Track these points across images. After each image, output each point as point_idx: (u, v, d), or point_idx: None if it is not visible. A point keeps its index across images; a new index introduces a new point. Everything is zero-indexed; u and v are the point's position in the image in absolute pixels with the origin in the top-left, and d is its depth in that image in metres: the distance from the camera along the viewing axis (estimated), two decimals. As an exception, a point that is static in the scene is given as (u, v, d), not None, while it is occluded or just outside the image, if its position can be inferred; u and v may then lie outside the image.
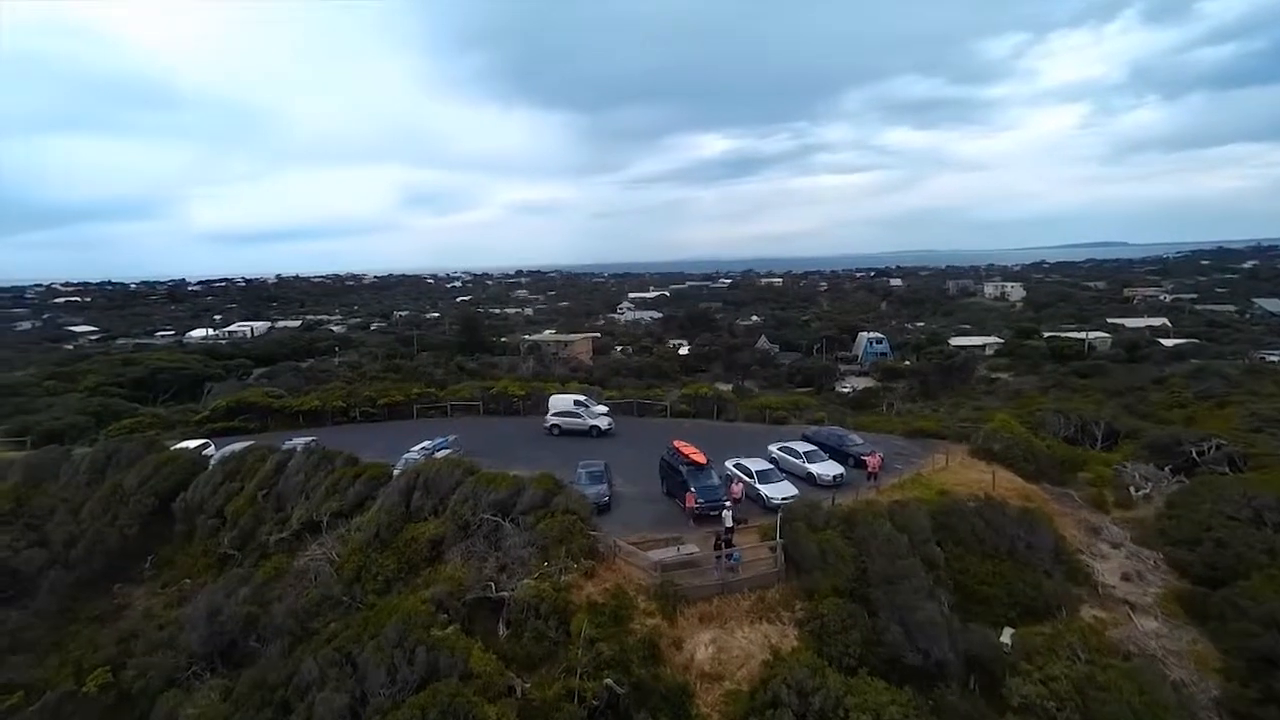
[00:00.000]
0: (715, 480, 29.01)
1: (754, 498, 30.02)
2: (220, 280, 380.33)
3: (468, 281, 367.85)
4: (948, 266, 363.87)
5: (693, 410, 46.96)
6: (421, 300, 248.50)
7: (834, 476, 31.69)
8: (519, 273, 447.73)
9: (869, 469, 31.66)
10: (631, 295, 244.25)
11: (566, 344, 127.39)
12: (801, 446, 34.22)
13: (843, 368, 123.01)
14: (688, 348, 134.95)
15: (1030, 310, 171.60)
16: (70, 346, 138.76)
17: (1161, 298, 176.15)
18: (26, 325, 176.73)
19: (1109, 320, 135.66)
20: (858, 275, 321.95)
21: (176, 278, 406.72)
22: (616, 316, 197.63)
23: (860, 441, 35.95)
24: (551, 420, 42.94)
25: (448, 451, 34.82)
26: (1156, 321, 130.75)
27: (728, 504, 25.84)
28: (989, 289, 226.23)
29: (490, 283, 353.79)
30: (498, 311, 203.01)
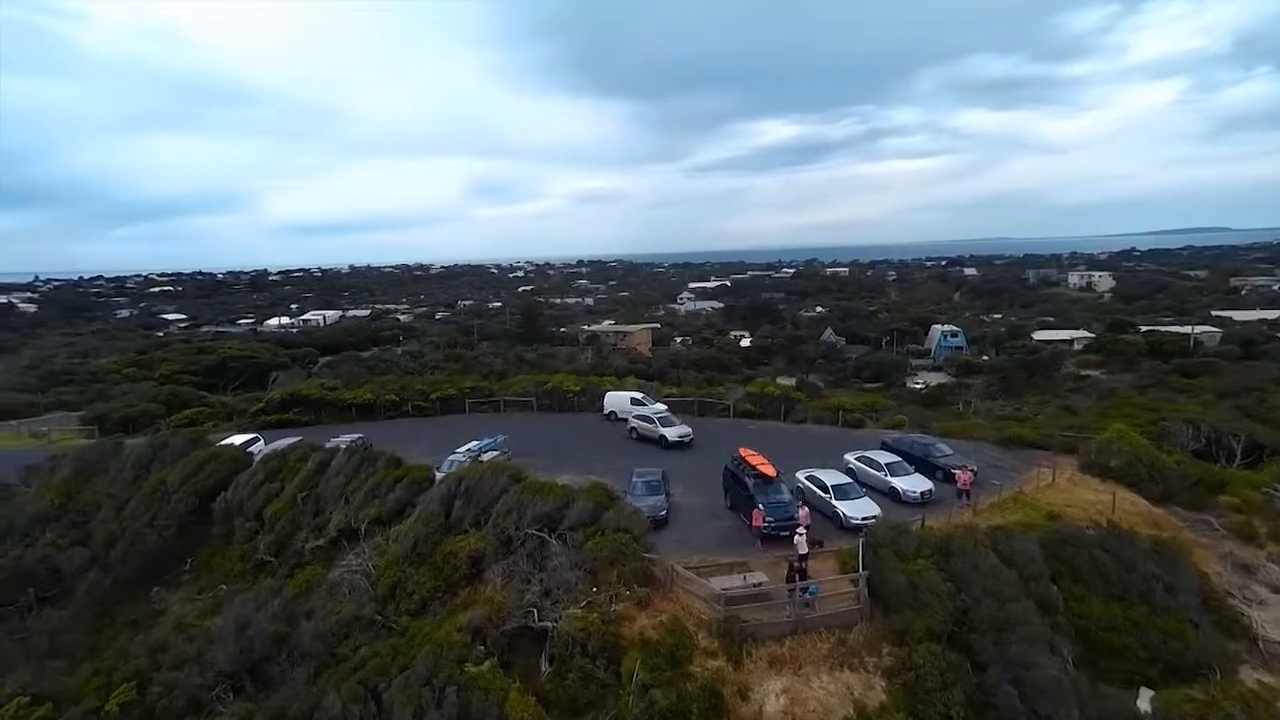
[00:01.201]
0: (786, 496, 25.85)
1: (829, 514, 26.70)
2: (298, 270, 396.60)
3: (530, 271, 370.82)
4: (1025, 255, 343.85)
5: (758, 410, 43.58)
6: (485, 290, 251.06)
7: (921, 493, 27.94)
8: (580, 262, 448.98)
9: (960, 485, 27.75)
10: (692, 285, 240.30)
11: (625, 335, 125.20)
12: (883, 457, 30.48)
13: (914, 362, 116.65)
14: (749, 340, 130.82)
15: (1121, 302, 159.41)
16: (161, 333, 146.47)
17: (1276, 287, 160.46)
18: (125, 313, 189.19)
19: (1214, 313, 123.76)
20: (928, 264, 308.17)
21: (260, 268, 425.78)
22: (676, 307, 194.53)
23: (949, 451, 31.89)
24: (632, 423, 39.66)
25: (495, 453, 32.74)
26: (1272, 314, 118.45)
27: (802, 528, 22.60)
28: (1073, 279, 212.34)
29: (552, 272, 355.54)
30: (558, 301, 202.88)
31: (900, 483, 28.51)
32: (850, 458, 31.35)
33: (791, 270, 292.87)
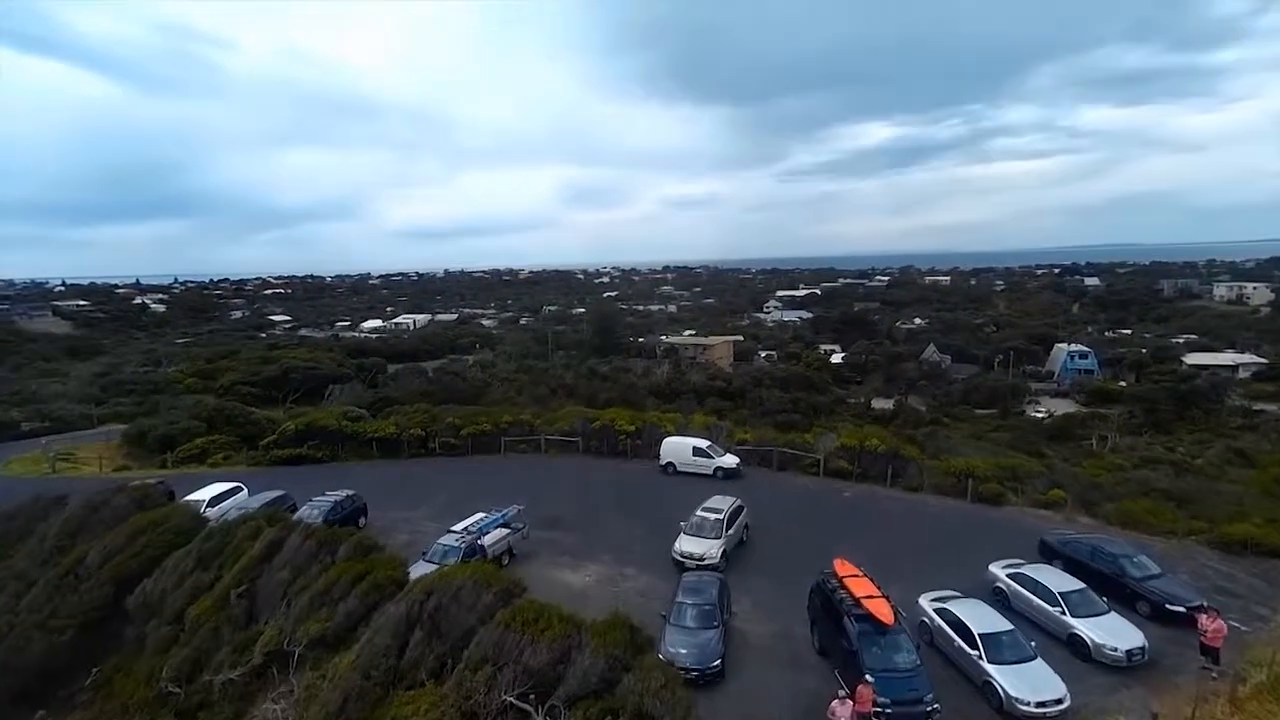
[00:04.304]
0: (912, 657, 16.45)
1: (976, 681, 17.11)
2: (398, 274, 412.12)
3: (615, 277, 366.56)
4: (1153, 262, 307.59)
5: (856, 469, 33.83)
6: (570, 295, 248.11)
7: (1128, 652, 17.73)
8: (666, 268, 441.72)
9: (1208, 640, 17.34)
10: (779, 293, 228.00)
11: (705, 348, 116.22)
12: (1052, 578, 20.10)
13: (1033, 385, 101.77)
14: (841, 355, 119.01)
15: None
16: (264, 334, 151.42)
17: None
18: (239, 314, 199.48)
19: None
20: (1039, 272, 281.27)
21: (364, 272, 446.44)
22: (762, 316, 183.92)
23: (1155, 569, 21.00)
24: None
25: (503, 533, 24.89)
26: None
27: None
28: (1219, 290, 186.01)
29: (637, 278, 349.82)
30: (640, 308, 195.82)
31: (1091, 630, 18.14)
32: (999, 573, 21.16)
33: (887, 278, 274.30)
